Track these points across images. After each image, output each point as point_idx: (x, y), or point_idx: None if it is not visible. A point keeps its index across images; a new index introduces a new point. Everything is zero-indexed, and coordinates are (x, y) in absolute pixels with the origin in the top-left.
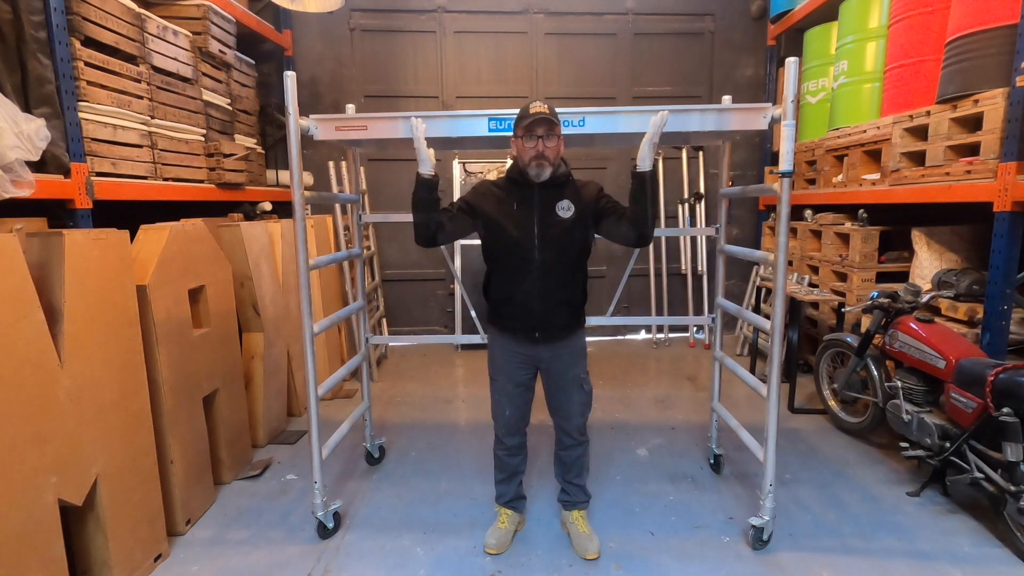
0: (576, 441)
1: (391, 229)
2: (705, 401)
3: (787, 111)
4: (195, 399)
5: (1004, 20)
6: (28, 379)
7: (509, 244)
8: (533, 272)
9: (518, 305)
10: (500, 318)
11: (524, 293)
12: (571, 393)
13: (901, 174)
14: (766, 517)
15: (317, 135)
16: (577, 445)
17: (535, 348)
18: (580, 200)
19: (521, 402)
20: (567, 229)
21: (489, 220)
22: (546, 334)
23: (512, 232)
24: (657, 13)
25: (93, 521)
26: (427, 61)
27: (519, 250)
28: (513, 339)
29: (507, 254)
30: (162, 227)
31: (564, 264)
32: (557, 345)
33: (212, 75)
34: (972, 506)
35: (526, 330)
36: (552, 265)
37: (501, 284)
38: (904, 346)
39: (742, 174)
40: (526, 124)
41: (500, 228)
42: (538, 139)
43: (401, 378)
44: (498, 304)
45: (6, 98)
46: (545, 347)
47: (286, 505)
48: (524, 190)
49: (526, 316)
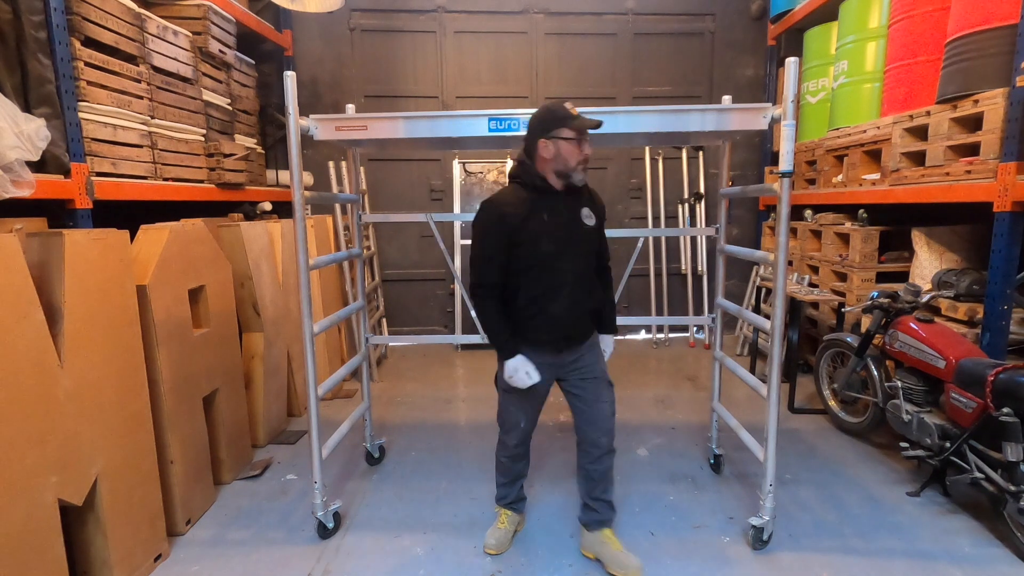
0: (608, 449)
1: (391, 229)
2: (705, 401)
3: (787, 111)
4: (195, 399)
5: (1004, 20)
6: (28, 379)
7: (543, 257)
8: (567, 284)
9: (548, 317)
10: (525, 331)
11: (556, 306)
12: (600, 391)
13: (901, 174)
14: (766, 517)
15: (317, 135)
16: (608, 454)
17: (558, 356)
18: (595, 209)
19: (536, 413)
20: (591, 237)
21: (522, 237)
22: (570, 343)
23: (547, 244)
24: (657, 13)
25: (93, 521)
26: (427, 61)
27: (553, 262)
28: (535, 351)
29: (540, 267)
30: (162, 227)
31: (590, 272)
32: (578, 347)
33: (212, 75)
34: (972, 506)
35: (553, 341)
36: (582, 274)
37: (532, 298)
38: (904, 346)
39: (742, 174)
40: (576, 126)
41: (535, 242)
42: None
43: (401, 378)
44: (526, 318)
45: (6, 98)
46: (567, 352)
47: (286, 505)
48: (549, 199)
49: (555, 328)
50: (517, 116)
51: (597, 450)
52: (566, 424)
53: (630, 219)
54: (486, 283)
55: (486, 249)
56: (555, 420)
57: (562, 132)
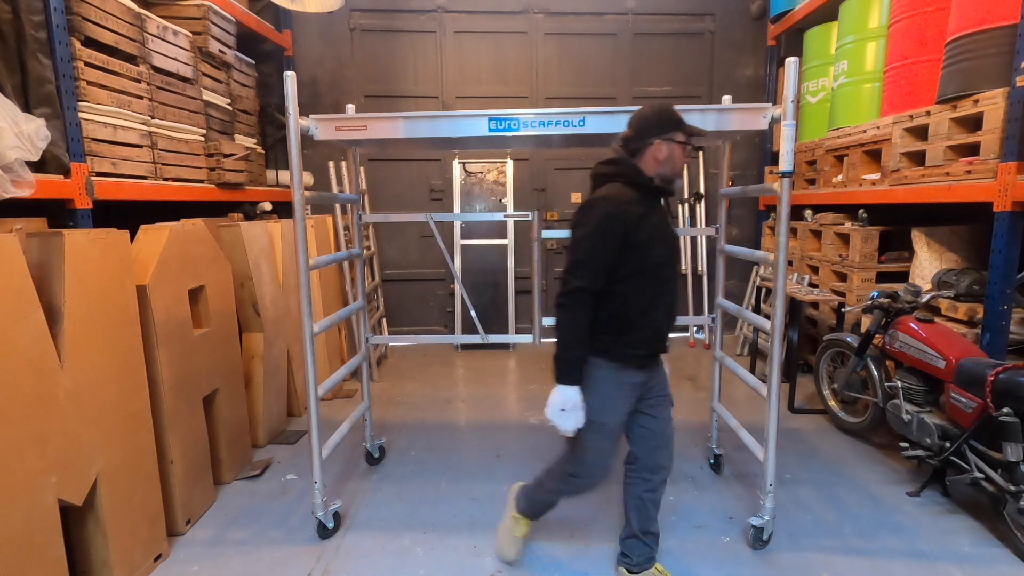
0: (667, 475)
1: (391, 229)
2: (705, 401)
3: (787, 111)
4: (195, 399)
5: (1004, 20)
6: (28, 379)
7: (652, 263)
8: (669, 292)
9: (654, 330)
10: (624, 347)
11: (660, 316)
12: (668, 411)
13: (901, 174)
14: (766, 517)
15: (317, 135)
16: (665, 480)
17: (645, 374)
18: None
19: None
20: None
21: (638, 239)
22: (657, 358)
23: (658, 249)
24: (657, 13)
25: (93, 521)
26: (427, 61)
27: (659, 269)
28: (625, 370)
29: (646, 275)
30: (162, 227)
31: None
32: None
33: (212, 75)
34: (972, 506)
35: (649, 356)
36: (676, 284)
37: (640, 310)
38: (904, 346)
39: (742, 174)
40: (689, 131)
41: (648, 246)
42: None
43: (401, 378)
44: (628, 331)
45: (6, 98)
46: (651, 369)
47: (286, 505)
48: (655, 202)
49: (656, 341)
50: (517, 116)
51: (660, 476)
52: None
53: None
54: (589, 288)
55: (597, 249)
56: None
57: (677, 135)
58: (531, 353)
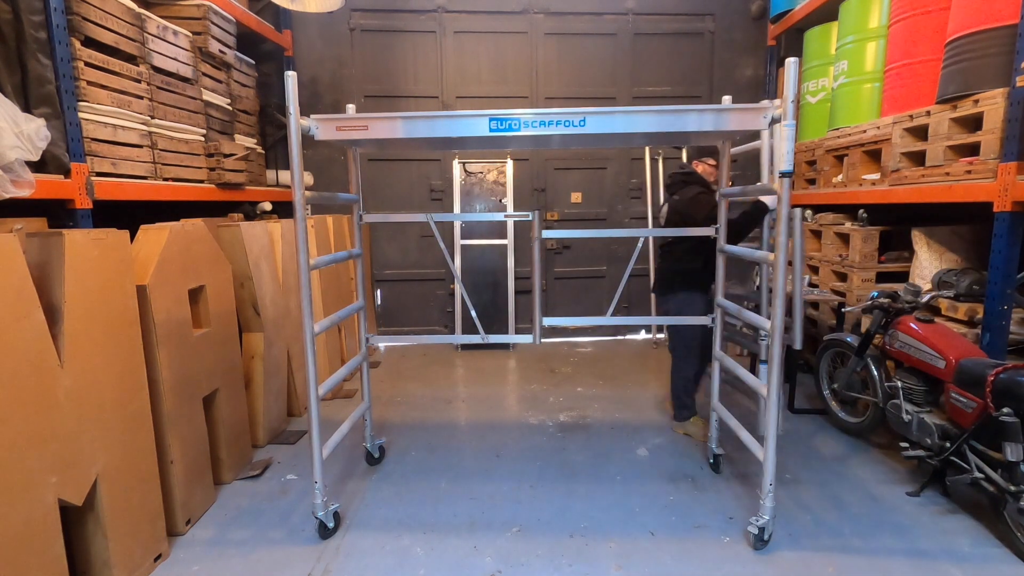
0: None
1: (391, 229)
2: (705, 401)
3: (787, 111)
4: (195, 399)
5: (1004, 20)
6: (28, 379)
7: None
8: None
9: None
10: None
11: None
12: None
13: (901, 174)
14: (766, 517)
15: (318, 135)
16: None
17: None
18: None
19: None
20: None
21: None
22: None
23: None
24: (657, 13)
25: (93, 521)
26: (427, 61)
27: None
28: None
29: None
30: (162, 227)
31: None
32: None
33: (212, 75)
34: (972, 506)
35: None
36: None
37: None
38: (904, 346)
39: (742, 174)
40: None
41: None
42: None
43: (401, 378)
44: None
45: (6, 98)
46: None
47: (286, 505)
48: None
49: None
50: (517, 116)
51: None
52: (566, 424)
53: (630, 219)
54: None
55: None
56: (555, 420)
57: (710, 160)
58: (531, 353)
